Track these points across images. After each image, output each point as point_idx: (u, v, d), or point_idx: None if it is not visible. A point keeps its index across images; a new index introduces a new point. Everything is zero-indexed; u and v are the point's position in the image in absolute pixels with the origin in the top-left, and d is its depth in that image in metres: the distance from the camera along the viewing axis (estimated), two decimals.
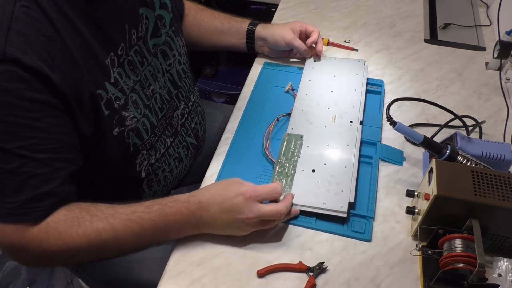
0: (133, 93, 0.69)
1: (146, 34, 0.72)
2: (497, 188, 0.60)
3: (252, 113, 0.89)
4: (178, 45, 0.82)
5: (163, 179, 0.81)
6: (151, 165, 0.76)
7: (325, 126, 0.83)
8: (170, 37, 0.79)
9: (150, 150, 0.75)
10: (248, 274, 0.64)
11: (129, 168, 0.73)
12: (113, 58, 0.65)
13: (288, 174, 0.75)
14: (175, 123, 0.81)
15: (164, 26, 0.77)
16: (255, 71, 0.99)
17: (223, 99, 1.73)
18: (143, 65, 0.72)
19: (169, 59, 0.79)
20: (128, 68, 0.68)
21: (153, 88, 0.74)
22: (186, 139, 0.85)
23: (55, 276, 1.44)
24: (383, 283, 0.64)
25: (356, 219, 0.71)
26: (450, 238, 0.60)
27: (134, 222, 0.61)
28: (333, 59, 0.99)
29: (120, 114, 0.66)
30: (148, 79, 0.73)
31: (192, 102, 0.88)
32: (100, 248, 0.61)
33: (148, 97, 0.73)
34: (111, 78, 0.64)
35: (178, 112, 0.82)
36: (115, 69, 0.65)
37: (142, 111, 0.71)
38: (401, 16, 1.17)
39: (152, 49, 0.74)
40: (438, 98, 0.92)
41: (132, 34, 0.68)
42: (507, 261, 0.61)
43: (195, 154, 0.90)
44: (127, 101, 0.67)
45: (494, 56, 0.96)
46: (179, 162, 0.84)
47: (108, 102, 0.64)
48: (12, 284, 1.41)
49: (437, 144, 0.71)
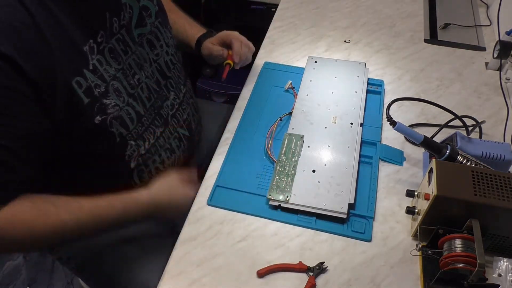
0: (114, 81, 0.69)
1: (130, 23, 0.73)
2: (497, 188, 0.60)
3: (252, 113, 0.89)
4: (166, 36, 0.83)
5: (155, 170, 0.81)
6: (141, 156, 0.77)
7: (325, 127, 0.83)
8: (156, 27, 0.80)
9: (138, 140, 0.75)
10: (248, 274, 0.64)
11: (118, 159, 0.74)
12: (92, 46, 0.65)
13: (288, 174, 0.75)
14: (164, 114, 0.81)
15: (149, 17, 0.78)
16: (255, 71, 0.99)
17: (223, 99, 1.73)
18: (127, 53, 0.72)
19: (156, 49, 0.80)
20: (109, 55, 0.68)
21: (139, 78, 0.75)
22: (177, 130, 0.85)
23: (55, 276, 1.44)
24: (383, 283, 0.64)
25: (356, 219, 0.71)
26: (450, 238, 0.60)
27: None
28: (333, 61, 0.99)
29: (101, 102, 0.67)
30: (132, 68, 0.73)
31: (183, 93, 0.88)
32: (62, 237, 0.67)
33: (132, 86, 0.73)
34: (90, 65, 0.65)
35: (168, 103, 0.83)
36: (94, 56, 0.65)
37: (125, 99, 0.71)
38: (401, 16, 1.17)
39: (137, 38, 0.75)
40: (438, 98, 0.92)
41: (113, 22, 0.69)
42: (507, 261, 0.61)
43: (188, 146, 0.89)
44: (108, 88, 0.68)
45: (494, 56, 0.96)
46: (171, 154, 0.84)
47: (88, 89, 0.64)
48: (12, 284, 1.41)
49: (437, 144, 0.71)
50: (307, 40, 1.08)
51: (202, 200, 0.74)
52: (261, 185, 0.75)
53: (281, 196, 0.72)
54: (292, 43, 1.07)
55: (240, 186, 0.75)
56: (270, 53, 1.04)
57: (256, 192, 0.74)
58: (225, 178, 0.77)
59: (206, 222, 0.71)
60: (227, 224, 0.70)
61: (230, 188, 0.75)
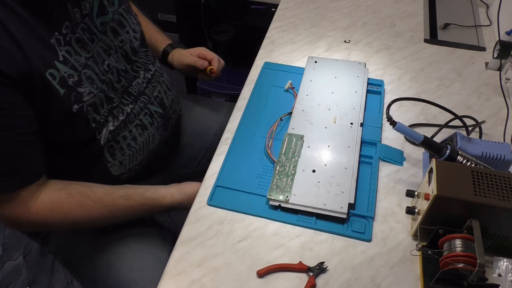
0: (86, 69, 0.71)
1: (91, 12, 0.75)
2: (497, 188, 0.60)
3: (252, 113, 0.89)
4: (132, 22, 0.85)
5: (127, 147, 0.82)
6: (111, 133, 0.78)
7: (325, 127, 0.83)
8: (120, 14, 0.82)
9: (108, 117, 0.77)
10: (248, 274, 0.64)
11: (90, 141, 0.77)
12: (59, 38, 0.67)
13: (288, 174, 0.75)
14: (134, 91, 0.83)
15: (112, 5, 0.80)
16: (255, 71, 0.99)
17: (223, 99, 1.73)
18: (93, 41, 0.74)
19: (121, 36, 0.81)
20: (77, 45, 0.70)
21: (109, 63, 0.77)
22: (148, 107, 0.86)
23: (55, 276, 1.44)
24: (383, 283, 0.64)
25: (356, 219, 0.71)
26: (450, 238, 0.60)
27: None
28: (333, 61, 0.99)
29: (77, 91, 0.69)
30: (101, 55, 0.75)
31: (152, 72, 0.89)
32: (98, 227, 0.79)
33: (103, 72, 0.75)
34: (60, 57, 0.67)
35: (139, 81, 0.85)
36: (62, 47, 0.67)
37: (98, 86, 0.74)
38: (401, 16, 1.17)
39: (100, 26, 0.76)
40: (438, 98, 0.92)
41: (75, 13, 0.71)
42: (507, 261, 0.61)
43: (163, 123, 0.90)
44: (81, 77, 0.70)
45: (494, 56, 0.96)
46: (143, 130, 0.85)
47: (62, 80, 0.67)
48: (12, 284, 1.41)
49: (437, 144, 0.71)
50: (307, 40, 1.08)
51: (202, 200, 0.74)
52: (261, 185, 0.75)
53: (281, 196, 0.72)
54: (292, 43, 1.07)
55: (240, 186, 0.75)
56: (270, 53, 1.04)
57: (256, 192, 0.74)
58: (225, 178, 0.77)
59: (206, 222, 0.71)
60: (227, 224, 0.70)
61: (230, 188, 0.75)
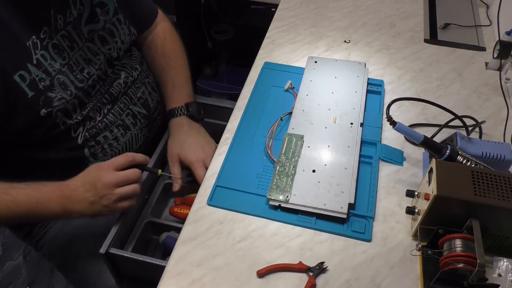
0: (60, 75, 0.72)
1: (79, 20, 0.75)
2: (497, 188, 0.60)
3: (252, 113, 0.89)
4: (123, 33, 0.84)
5: (108, 147, 0.82)
6: (88, 131, 0.78)
7: (325, 127, 0.83)
8: (113, 24, 0.82)
9: (84, 120, 0.77)
10: (248, 274, 0.64)
11: (64, 140, 0.76)
12: (36, 41, 0.68)
13: (288, 174, 0.75)
14: (115, 92, 0.83)
15: (106, 13, 0.80)
16: (255, 71, 0.99)
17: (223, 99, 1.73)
18: (73, 49, 0.74)
19: (109, 44, 0.81)
20: (53, 51, 0.71)
21: (88, 71, 0.77)
22: (130, 107, 0.86)
23: (55, 276, 1.44)
24: (383, 283, 0.64)
25: (356, 219, 0.71)
26: (450, 238, 0.60)
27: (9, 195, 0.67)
28: (333, 61, 0.99)
29: (46, 95, 0.69)
30: (80, 63, 0.76)
31: (138, 72, 0.89)
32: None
33: (80, 80, 0.75)
34: (33, 60, 0.67)
35: (120, 81, 0.85)
36: (38, 51, 0.68)
37: (72, 93, 0.74)
38: (401, 16, 1.17)
39: (87, 34, 0.77)
40: (438, 98, 0.92)
41: (58, 19, 0.71)
42: (507, 261, 0.61)
43: (147, 124, 0.90)
44: (53, 82, 0.70)
45: (494, 56, 0.96)
46: (125, 130, 0.85)
47: (32, 83, 0.67)
48: (12, 284, 1.41)
49: (437, 144, 0.71)
50: (307, 40, 1.08)
51: (202, 200, 0.74)
52: (261, 185, 0.75)
53: (281, 196, 0.72)
54: (292, 43, 1.07)
55: (240, 186, 0.75)
56: (270, 53, 1.04)
57: (256, 192, 0.74)
58: (225, 178, 0.77)
59: (206, 222, 0.71)
60: (227, 224, 0.70)
61: (230, 188, 0.75)
